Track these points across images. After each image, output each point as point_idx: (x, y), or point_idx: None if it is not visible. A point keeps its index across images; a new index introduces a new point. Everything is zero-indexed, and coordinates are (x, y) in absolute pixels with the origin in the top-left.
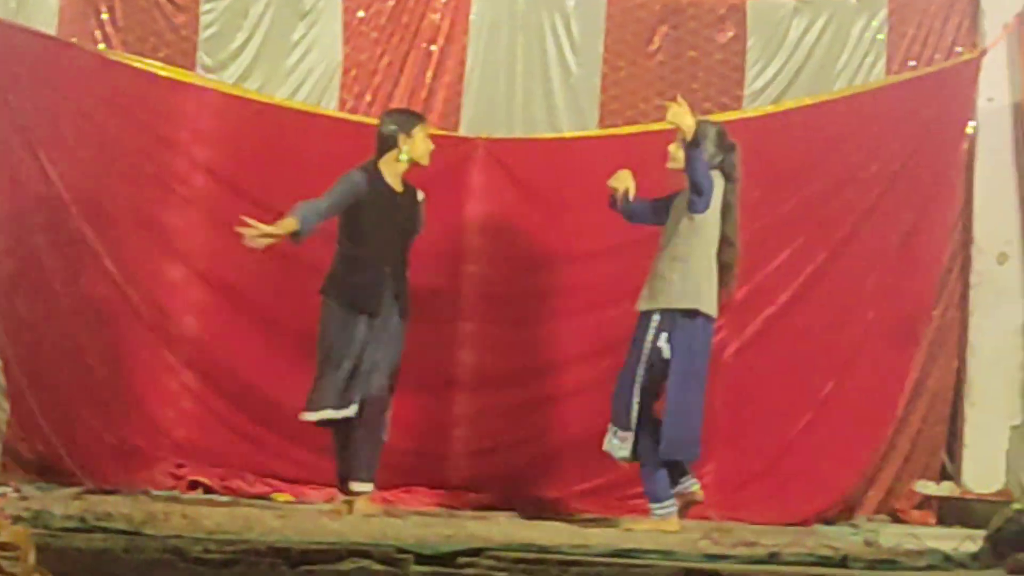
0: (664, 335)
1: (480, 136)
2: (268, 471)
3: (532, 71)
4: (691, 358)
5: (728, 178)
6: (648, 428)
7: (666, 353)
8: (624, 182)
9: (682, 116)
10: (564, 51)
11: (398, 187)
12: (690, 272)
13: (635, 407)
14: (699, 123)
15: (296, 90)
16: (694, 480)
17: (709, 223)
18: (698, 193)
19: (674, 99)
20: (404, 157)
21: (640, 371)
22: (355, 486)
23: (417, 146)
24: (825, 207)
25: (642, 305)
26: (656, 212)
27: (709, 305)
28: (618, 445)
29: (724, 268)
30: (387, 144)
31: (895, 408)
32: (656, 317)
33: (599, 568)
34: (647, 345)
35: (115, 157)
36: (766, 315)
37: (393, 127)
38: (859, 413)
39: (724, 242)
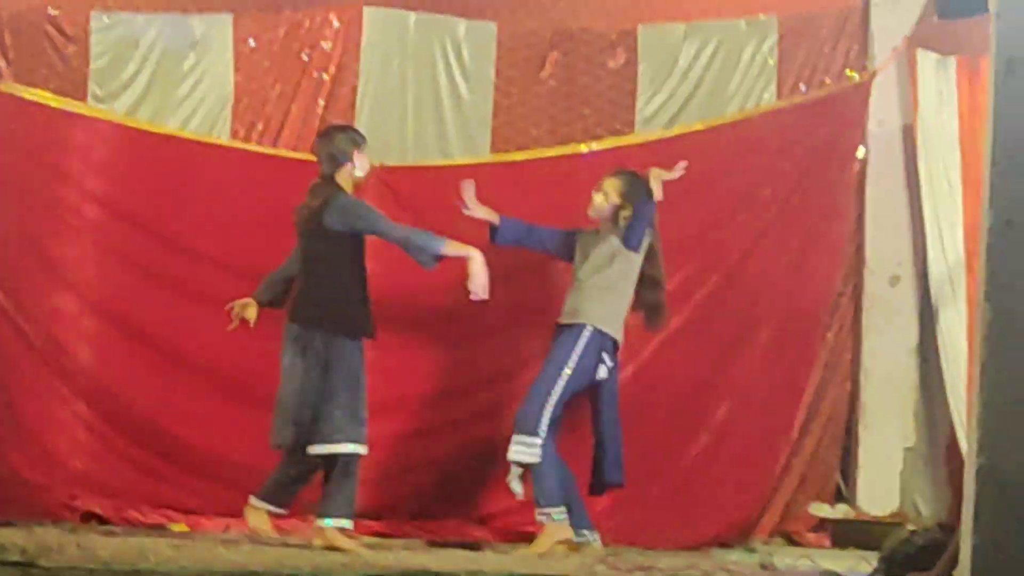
0: (606, 356)
1: (372, 164)
2: (163, 501)
3: (423, 98)
4: (615, 384)
5: (650, 224)
6: (551, 436)
7: (602, 373)
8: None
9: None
10: (455, 77)
11: None
12: (618, 303)
13: (547, 413)
14: (632, 177)
15: (188, 119)
16: (596, 534)
17: (637, 262)
18: (637, 240)
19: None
20: (359, 173)
21: (561, 382)
22: (341, 522)
23: (364, 161)
24: (718, 231)
25: (566, 319)
26: (566, 244)
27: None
28: (523, 450)
29: (653, 308)
30: (341, 160)
31: (790, 431)
32: (588, 333)
33: None
34: (574, 357)
35: (6, 188)
36: (660, 338)
37: (344, 142)
38: (754, 436)
39: (651, 283)
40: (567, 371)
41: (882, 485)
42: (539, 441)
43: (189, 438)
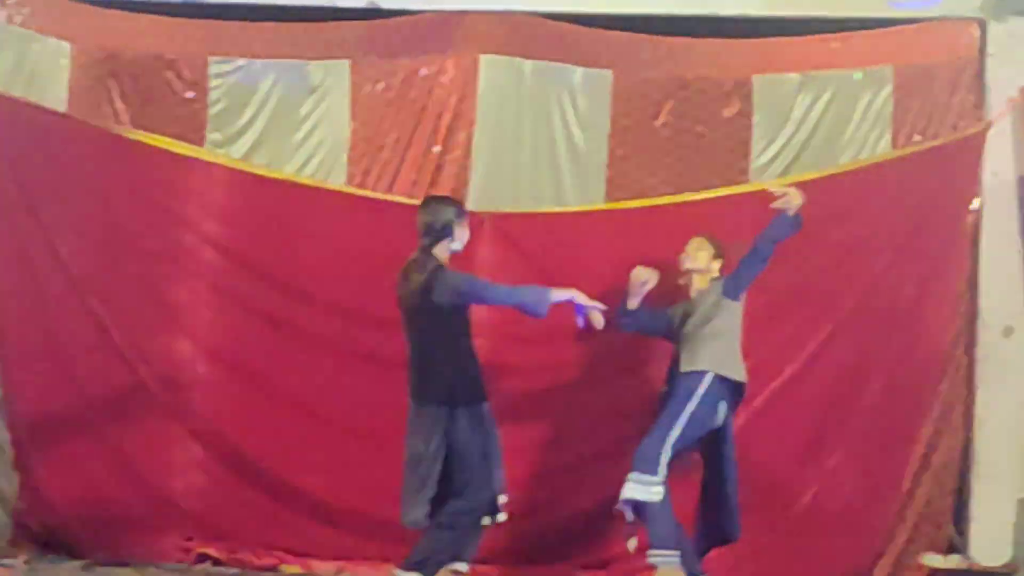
0: (723, 403)
1: (487, 210)
2: (276, 544)
3: (539, 146)
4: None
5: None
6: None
7: (720, 419)
8: (646, 274)
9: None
10: (570, 125)
11: None
12: (733, 348)
13: (666, 453)
14: (711, 237)
15: (304, 165)
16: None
17: (739, 310)
18: (734, 291)
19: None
20: (457, 246)
21: (678, 425)
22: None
23: (464, 233)
24: (830, 279)
25: (686, 367)
26: (656, 320)
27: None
28: (639, 488)
29: None
30: (443, 232)
31: (902, 481)
32: (708, 377)
33: None
34: (695, 400)
35: (123, 232)
36: (773, 387)
37: (450, 215)
38: (866, 486)
39: None
40: (688, 412)
41: (995, 536)
42: (657, 480)
43: (302, 482)
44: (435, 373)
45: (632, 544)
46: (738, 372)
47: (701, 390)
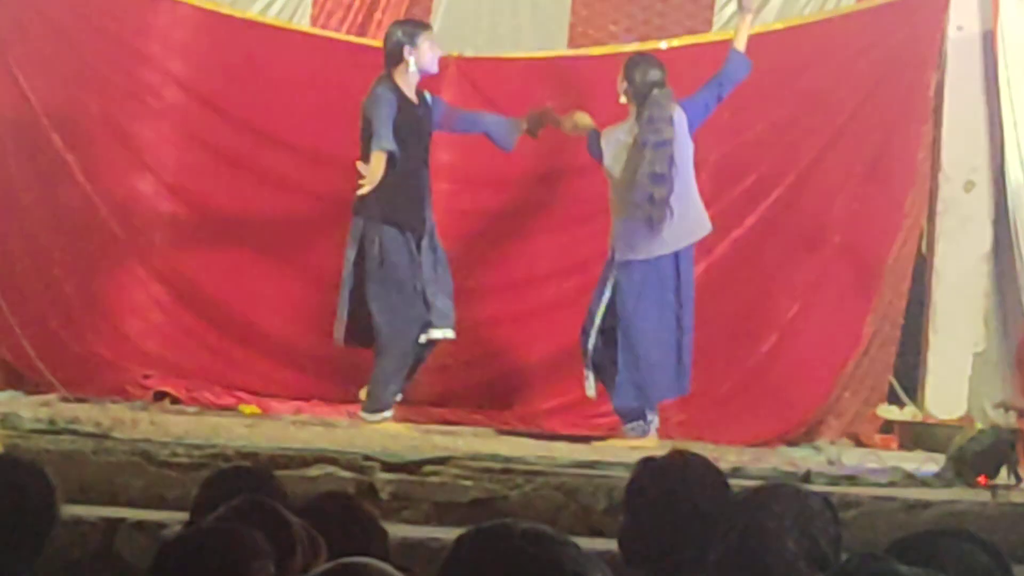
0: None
1: (451, 54)
2: (235, 384)
3: None
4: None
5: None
6: None
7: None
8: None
9: None
10: None
11: (414, 99)
12: (691, 197)
13: (591, 338)
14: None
15: (268, 5)
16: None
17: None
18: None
19: None
20: (413, 68)
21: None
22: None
23: (423, 55)
24: (793, 131)
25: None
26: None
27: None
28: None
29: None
30: (395, 57)
31: (859, 333)
32: (688, 252)
33: (564, 479)
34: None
35: (87, 71)
36: (733, 237)
37: (398, 38)
38: (823, 337)
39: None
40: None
41: (951, 390)
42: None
43: (263, 322)
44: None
45: (591, 390)
46: (702, 227)
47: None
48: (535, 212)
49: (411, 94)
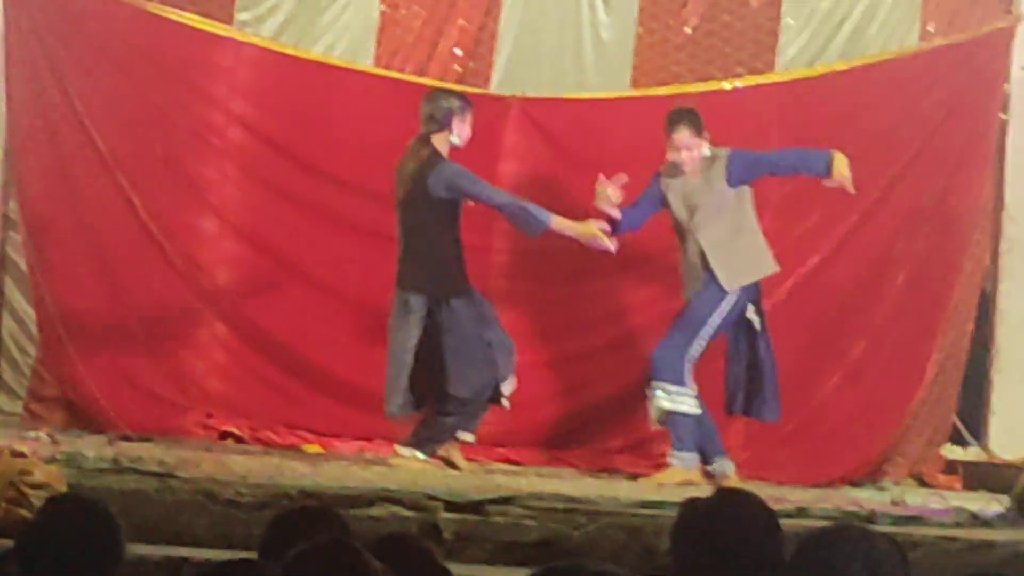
0: (752, 308)
1: (514, 95)
2: (298, 424)
3: (565, 32)
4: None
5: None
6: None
7: (756, 325)
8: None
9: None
10: (598, 12)
11: None
12: (755, 242)
13: (688, 365)
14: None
15: (332, 46)
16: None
17: (748, 193)
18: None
19: None
20: (456, 140)
21: (701, 338)
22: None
23: (465, 130)
24: (856, 170)
25: (731, 284)
26: (651, 203)
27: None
28: (670, 399)
29: None
30: (440, 124)
31: (923, 372)
32: (732, 298)
33: (627, 518)
34: (718, 316)
35: (152, 111)
36: (797, 276)
37: (449, 107)
38: (888, 376)
39: None
40: (712, 325)
41: (1015, 430)
42: (687, 391)
43: (326, 362)
44: (416, 262)
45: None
46: (765, 267)
47: (726, 307)
48: (596, 251)
49: None
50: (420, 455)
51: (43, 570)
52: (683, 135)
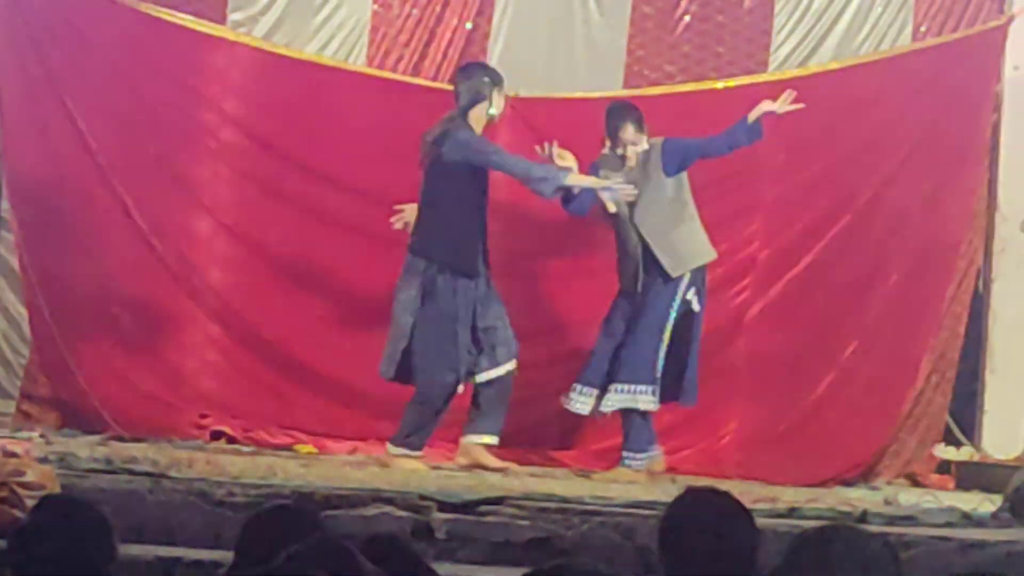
0: (693, 289)
1: (506, 95)
2: (291, 423)
3: (557, 32)
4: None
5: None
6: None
7: (696, 306)
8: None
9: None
10: (591, 12)
11: None
12: (693, 228)
13: (661, 361)
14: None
15: (324, 46)
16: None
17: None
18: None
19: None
20: (493, 111)
21: (668, 329)
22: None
23: (500, 102)
24: (849, 170)
25: (676, 271)
26: (591, 193)
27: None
28: (649, 399)
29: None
30: (478, 97)
31: (916, 372)
32: (684, 283)
33: (620, 519)
34: (676, 303)
35: (144, 111)
36: (789, 276)
37: (486, 80)
38: (881, 376)
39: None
40: (671, 320)
41: (1008, 429)
42: (655, 388)
43: (319, 362)
44: (428, 228)
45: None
46: (706, 252)
47: (679, 295)
48: (583, 253)
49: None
50: (415, 454)
51: (36, 570)
52: (629, 132)
